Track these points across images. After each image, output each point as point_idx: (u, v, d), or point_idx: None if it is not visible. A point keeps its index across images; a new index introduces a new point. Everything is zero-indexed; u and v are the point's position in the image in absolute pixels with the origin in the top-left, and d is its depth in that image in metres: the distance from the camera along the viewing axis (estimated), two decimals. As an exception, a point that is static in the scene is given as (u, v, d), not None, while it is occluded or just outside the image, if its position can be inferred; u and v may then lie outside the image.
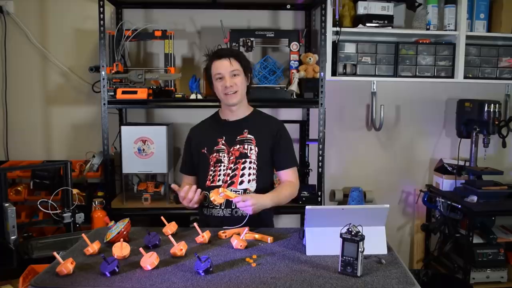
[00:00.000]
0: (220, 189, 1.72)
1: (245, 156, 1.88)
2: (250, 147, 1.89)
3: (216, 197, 1.72)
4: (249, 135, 1.91)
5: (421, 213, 3.18)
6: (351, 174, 3.17)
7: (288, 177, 1.95)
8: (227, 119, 1.96)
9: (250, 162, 1.88)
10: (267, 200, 1.80)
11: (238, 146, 1.90)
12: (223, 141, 1.92)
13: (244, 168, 1.88)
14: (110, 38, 2.64)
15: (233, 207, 1.86)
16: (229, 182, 1.87)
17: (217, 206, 1.88)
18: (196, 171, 1.99)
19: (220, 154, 1.90)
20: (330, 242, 1.46)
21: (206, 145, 1.93)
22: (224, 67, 1.85)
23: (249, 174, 1.88)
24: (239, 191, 1.86)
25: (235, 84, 1.86)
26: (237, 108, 1.94)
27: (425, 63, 2.89)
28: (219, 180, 1.88)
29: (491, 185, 2.76)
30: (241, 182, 1.87)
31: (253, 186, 1.88)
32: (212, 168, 1.90)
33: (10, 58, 2.91)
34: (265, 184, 1.91)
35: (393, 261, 1.46)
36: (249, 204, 1.69)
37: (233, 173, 1.88)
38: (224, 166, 1.89)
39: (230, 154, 1.90)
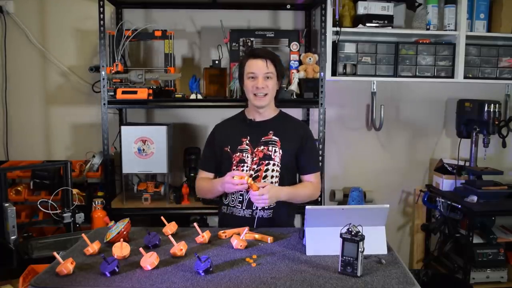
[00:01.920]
0: (246, 178, 1.70)
1: (269, 158, 1.87)
2: (275, 149, 1.88)
3: (239, 181, 1.70)
4: (274, 137, 1.90)
5: (421, 213, 3.17)
6: (351, 174, 3.16)
7: (310, 180, 1.95)
8: (253, 119, 1.94)
9: (274, 165, 1.87)
10: (283, 193, 1.80)
11: (262, 147, 1.88)
12: (247, 141, 1.90)
13: (267, 170, 1.86)
14: (110, 38, 2.64)
15: (253, 208, 1.86)
16: None
17: (238, 205, 1.88)
18: (216, 169, 1.97)
19: (244, 154, 1.88)
20: (330, 242, 1.46)
21: (230, 143, 1.91)
22: (259, 67, 1.83)
23: (272, 177, 1.87)
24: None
25: (267, 86, 1.84)
26: (264, 110, 1.92)
27: (425, 63, 2.88)
28: None
29: (491, 185, 2.76)
30: None
31: None
32: (234, 167, 1.88)
33: (10, 58, 2.91)
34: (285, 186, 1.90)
35: (393, 261, 1.47)
36: (265, 198, 1.70)
37: (255, 174, 1.86)
38: (247, 166, 1.87)
39: (254, 155, 1.88)
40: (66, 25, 2.92)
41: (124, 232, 1.61)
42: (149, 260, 1.39)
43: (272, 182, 1.86)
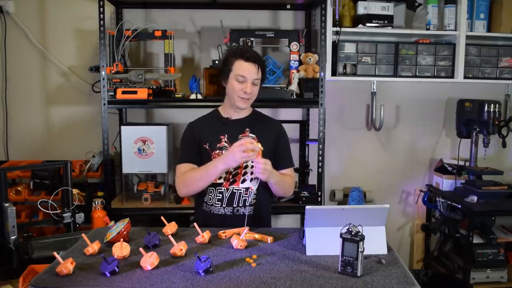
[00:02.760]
0: (259, 144, 1.72)
1: None
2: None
3: (251, 146, 1.69)
4: (251, 134, 1.91)
5: (421, 213, 3.18)
6: (351, 174, 3.17)
7: (286, 173, 1.97)
8: (229, 117, 1.95)
9: (253, 161, 1.87)
10: (275, 172, 1.81)
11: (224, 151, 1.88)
12: (225, 139, 1.90)
13: (246, 167, 1.88)
14: (110, 38, 2.64)
15: (234, 205, 1.87)
16: (231, 180, 1.87)
17: (217, 203, 1.88)
18: (198, 162, 1.91)
19: (223, 152, 1.88)
20: (330, 242, 1.46)
21: (208, 141, 1.91)
22: (251, 72, 1.84)
23: (251, 173, 1.88)
24: (241, 189, 1.87)
25: (253, 91, 1.87)
26: (242, 109, 1.95)
27: (425, 63, 2.89)
28: (220, 177, 1.87)
29: (491, 185, 2.76)
30: (243, 181, 1.87)
31: (254, 185, 1.89)
32: None
33: (10, 58, 2.92)
34: (266, 183, 1.90)
35: (393, 261, 1.46)
36: (268, 168, 1.71)
37: (235, 172, 1.87)
38: None
39: None
40: (66, 25, 2.92)
41: (124, 232, 1.61)
42: (149, 260, 1.38)
43: (252, 179, 1.88)
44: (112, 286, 1.29)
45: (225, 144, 1.89)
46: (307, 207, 1.49)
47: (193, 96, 2.64)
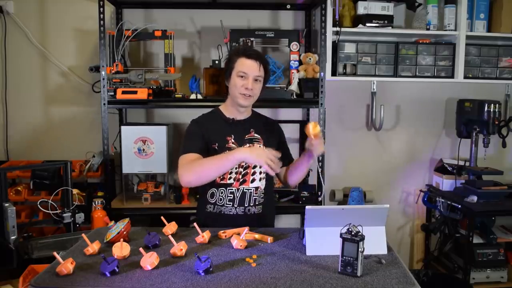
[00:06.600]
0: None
1: None
2: (259, 146, 1.91)
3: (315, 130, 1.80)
4: (256, 134, 1.94)
5: (421, 213, 3.18)
6: (351, 174, 3.16)
7: None
8: (234, 118, 1.95)
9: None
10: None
11: (247, 145, 1.90)
12: (232, 140, 1.91)
13: (255, 167, 1.89)
14: (110, 38, 2.64)
15: (245, 205, 1.88)
16: (241, 180, 1.87)
17: (229, 204, 1.87)
18: (205, 155, 1.85)
19: None
20: (330, 242, 1.46)
21: (217, 141, 1.90)
22: (252, 69, 1.84)
23: (260, 173, 1.90)
24: (251, 189, 1.88)
25: (255, 88, 1.87)
26: (244, 109, 1.96)
27: (425, 63, 2.89)
28: (230, 178, 1.86)
29: (491, 185, 2.76)
30: (253, 181, 1.89)
31: (263, 184, 1.91)
32: None
33: (10, 58, 2.92)
34: (273, 182, 2.00)
35: (393, 261, 1.47)
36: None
37: (244, 172, 1.88)
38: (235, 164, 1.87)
39: None
40: (66, 25, 2.92)
41: (124, 232, 1.61)
42: (149, 260, 1.39)
43: (260, 179, 1.90)
44: (112, 286, 1.29)
45: (233, 145, 1.89)
46: (307, 207, 1.49)
47: (193, 96, 2.64)
